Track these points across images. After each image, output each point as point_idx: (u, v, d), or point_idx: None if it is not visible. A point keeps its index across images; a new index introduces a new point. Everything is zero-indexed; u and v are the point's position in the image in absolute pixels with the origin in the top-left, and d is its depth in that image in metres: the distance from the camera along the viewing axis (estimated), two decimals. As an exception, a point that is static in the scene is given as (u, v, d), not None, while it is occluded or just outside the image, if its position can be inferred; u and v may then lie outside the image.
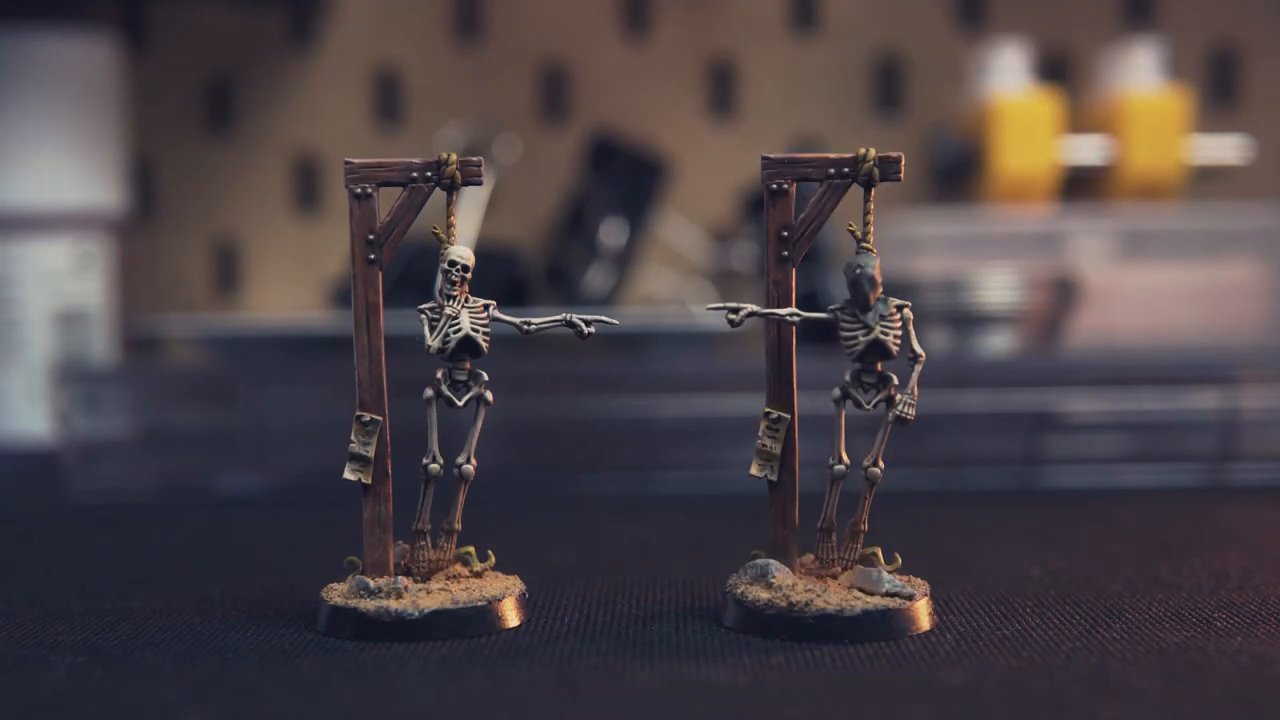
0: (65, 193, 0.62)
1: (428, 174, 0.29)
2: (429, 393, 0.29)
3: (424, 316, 0.29)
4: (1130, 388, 0.53)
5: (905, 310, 0.29)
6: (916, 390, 0.29)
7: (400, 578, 0.29)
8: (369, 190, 0.29)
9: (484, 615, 0.29)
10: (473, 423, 0.30)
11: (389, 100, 0.77)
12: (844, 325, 0.29)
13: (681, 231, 0.75)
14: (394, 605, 0.28)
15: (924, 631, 0.28)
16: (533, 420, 0.53)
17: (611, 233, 0.65)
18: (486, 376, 0.30)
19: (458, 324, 0.29)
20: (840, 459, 0.29)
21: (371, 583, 0.29)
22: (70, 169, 0.62)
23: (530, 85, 0.77)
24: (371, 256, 0.29)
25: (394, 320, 0.31)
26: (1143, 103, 0.69)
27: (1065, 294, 0.60)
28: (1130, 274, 0.68)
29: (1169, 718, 0.22)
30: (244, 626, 0.30)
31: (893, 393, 0.29)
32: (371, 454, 0.29)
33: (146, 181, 0.77)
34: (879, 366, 0.29)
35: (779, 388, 0.29)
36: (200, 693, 0.25)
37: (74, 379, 0.53)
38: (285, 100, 0.77)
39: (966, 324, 0.59)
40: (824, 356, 0.47)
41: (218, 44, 0.77)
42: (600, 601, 0.32)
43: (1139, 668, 0.25)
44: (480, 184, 0.30)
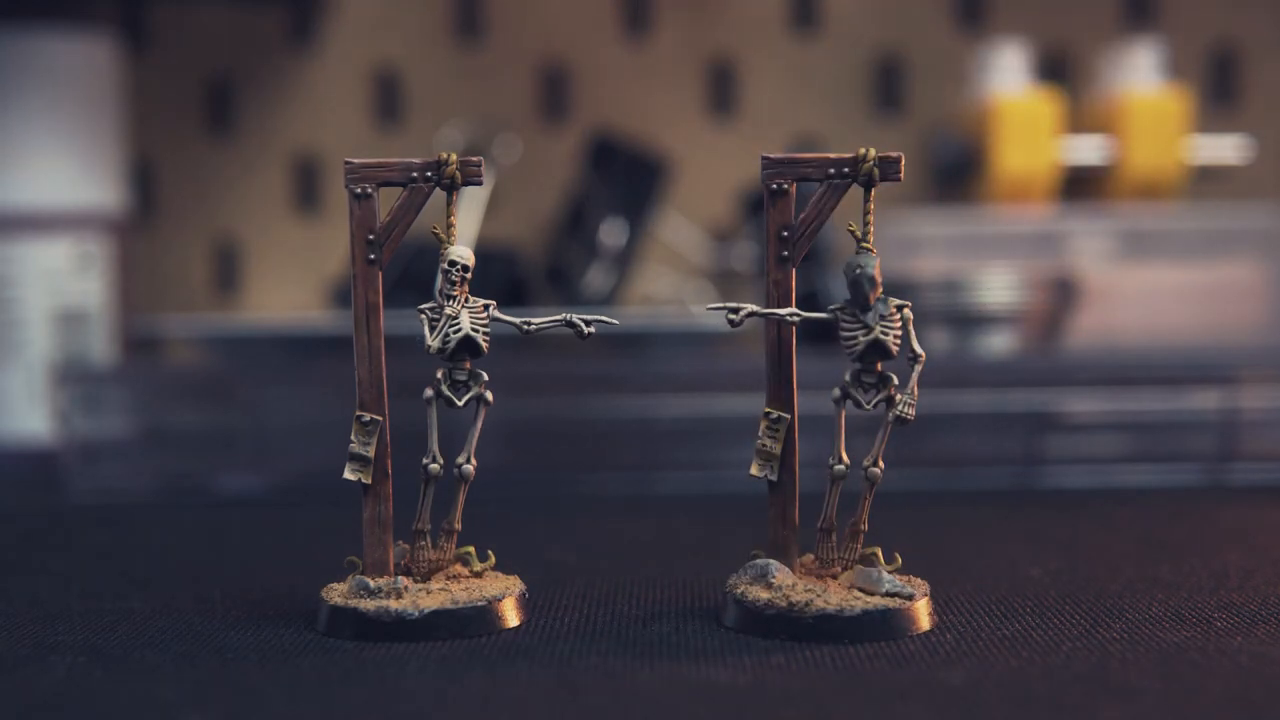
0: (65, 193, 0.62)
1: (428, 174, 0.29)
2: (429, 393, 0.29)
3: (424, 316, 0.29)
4: (1130, 388, 0.53)
5: (905, 310, 0.29)
6: (916, 390, 0.29)
7: (400, 578, 0.29)
8: (369, 190, 0.29)
9: (484, 615, 0.29)
10: (473, 423, 0.30)
11: (389, 100, 0.77)
12: (844, 325, 0.29)
13: (681, 231, 0.74)
14: (394, 605, 0.28)
15: (924, 631, 0.28)
16: (533, 420, 0.53)
17: (611, 233, 0.65)
18: (486, 377, 0.30)
19: (458, 324, 0.29)
20: (840, 459, 0.29)
21: (371, 583, 0.29)
22: (70, 169, 0.62)
23: (530, 85, 0.77)
24: (371, 256, 0.29)
25: (394, 320, 0.31)
26: (1143, 103, 0.69)
27: (1065, 294, 0.60)
28: (1130, 274, 0.68)
29: (1169, 718, 0.22)
30: (244, 626, 0.30)
31: (893, 393, 0.29)
32: (371, 454, 0.29)
33: (146, 181, 0.77)
34: (879, 366, 0.29)
35: (779, 388, 0.29)
36: (200, 693, 0.25)
37: (74, 379, 0.53)
38: (285, 100, 0.77)
39: (966, 324, 0.59)
40: (824, 356, 0.47)
41: (218, 44, 0.77)
42: (600, 601, 0.32)
43: (1139, 668, 0.25)
44: (480, 184, 0.30)
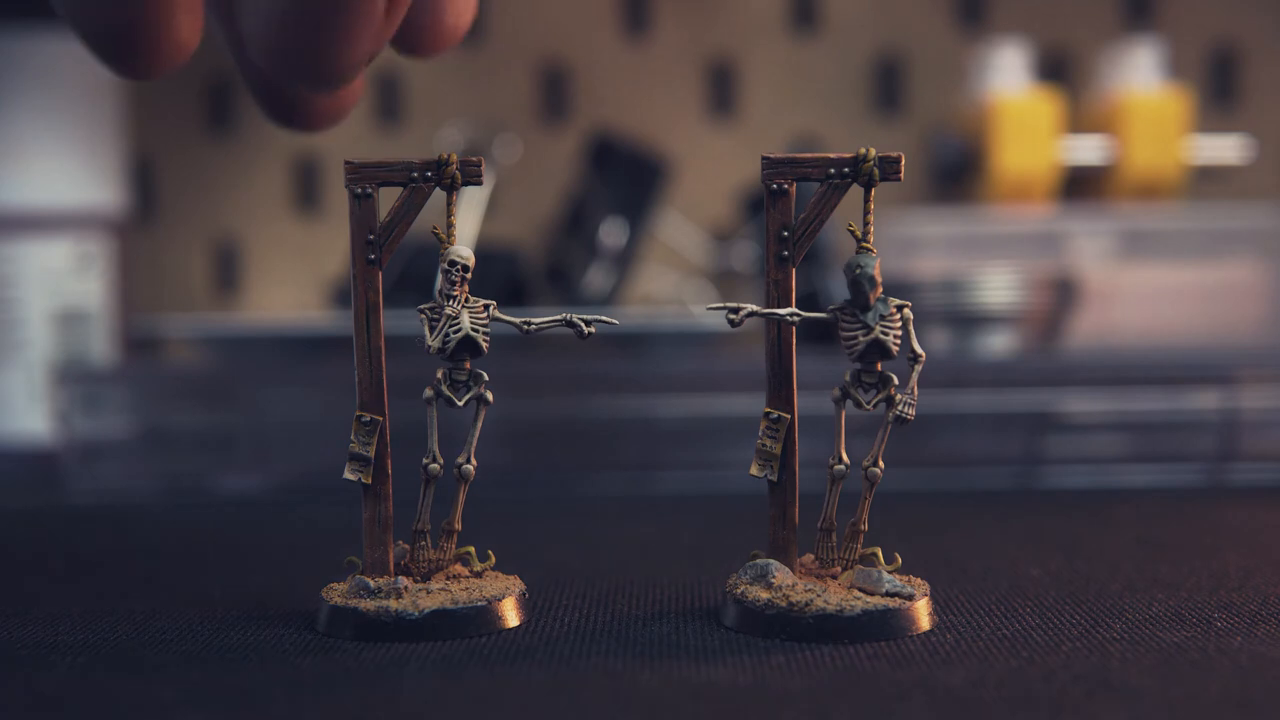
0: (65, 193, 0.62)
1: (428, 174, 0.29)
2: (429, 393, 0.29)
3: (424, 316, 0.29)
4: (1130, 388, 0.53)
5: (905, 310, 0.29)
6: (916, 390, 0.29)
7: (400, 578, 0.29)
8: (369, 190, 0.29)
9: (484, 615, 0.29)
10: (473, 423, 0.30)
11: (389, 100, 0.77)
12: (844, 325, 0.29)
13: (681, 231, 0.74)
14: (394, 605, 0.28)
15: (924, 631, 0.28)
16: (533, 420, 0.53)
17: (611, 233, 0.65)
18: (487, 377, 0.30)
19: (458, 324, 0.29)
20: (840, 459, 0.29)
21: (371, 583, 0.29)
22: (70, 169, 0.62)
23: (530, 85, 0.77)
24: (371, 256, 0.29)
25: (393, 320, 0.31)
26: (1143, 102, 0.69)
27: (1065, 294, 0.60)
28: (1130, 274, 0.68)
29: (1169, 718, 0.22)
30: (244, 626, 0.30)
31: (893, 393, 0.29)
32: (372, 454, 0.29)
33: (146, 181, 0.77)
34: (879, 366, 0.29)
35: (779, 388, 0.29)
36: (200, 693, 0.25)
37: (74, 379, 0.53)
38: (285, 100, 0.77)
39: (966, 324, 0.59)
40: (824, 356, 0.47)
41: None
42: (600, 601, 0.32)
43: (1139, 668, 0.25)
44: (480, 184, 0.30)
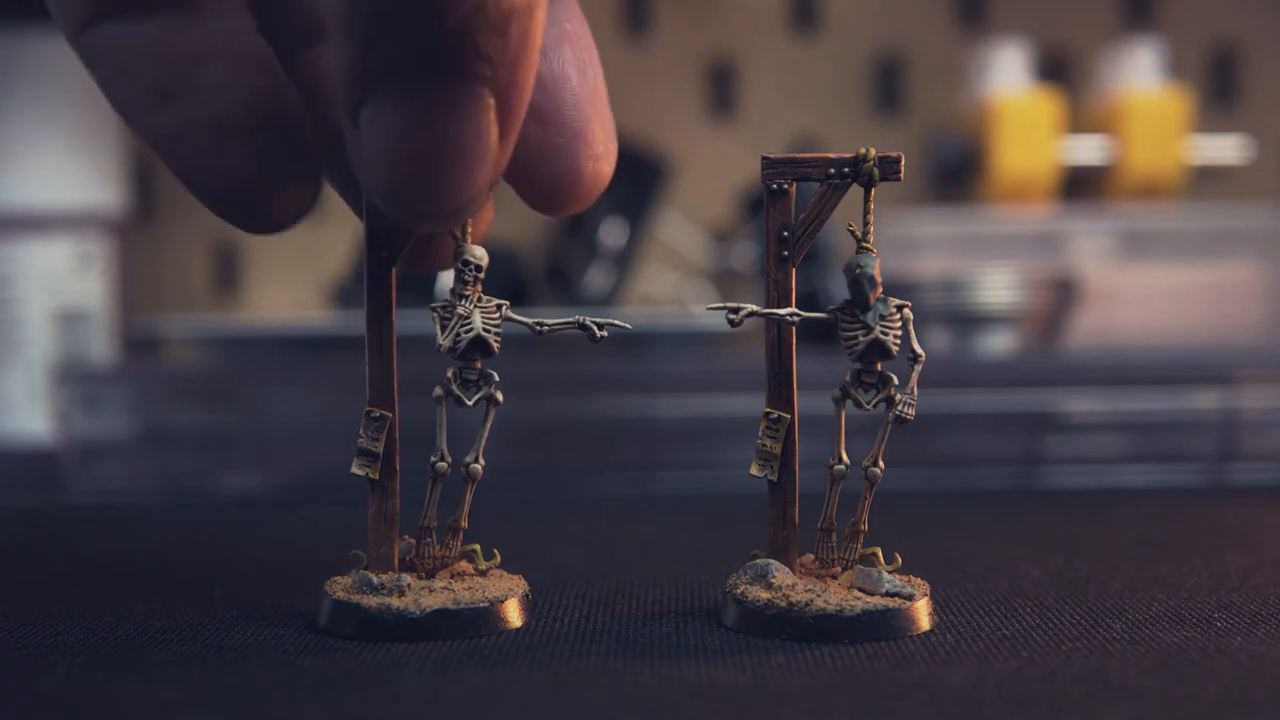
0: (65, 193, 0.62)
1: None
2: (439, 391, 0.29)
3: (435, 315, 0.29)
4: (1130, 388, 0.53)
5: (905, 310, 0.29)
6: (916, 390, 0.29)
7: (404, 575, 0.29)
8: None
9: (485, 616, 0.29)
10: (482, 423, 0.30)
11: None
12: (844, 325, 0.29)
13: (681, 231, 0.74)
14: (396, 603, 0.28)
15: (924, 631, 0.28)
16: (534, 420, 0.53)
17: (611, 233, 0.65)
18: (497, 377, 0.30)
19: (469, 324, 0.29)
20: (840, 459, 0.29)
21: (375, 578, 0.29)
22: (70, 169, 0.62)
23: (530, 85, 0.77)
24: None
25: (402, 320, 0.31)
26: (1143, 102, 0.69)
27: (1065, 294, 0.60)
28: (1130, 274, 0.68)
29: (1169, 718, 0.22)
30: (244, 626, 0.30)
31: (893, 393, 0.29)
32: (380, 449, 0.29)
33: (146, 182, 0.77)
34: (879, 366, 0.29)
35: (779, 388, 0.29)
36: (200, 693, 0.24)
37: (74, 379, 0.53)
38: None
39: (966, 324, 0.59)
40: (824, 356, 0.47)
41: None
42: (600, 602, 0.32)
43: (1139, 668, 0.25)
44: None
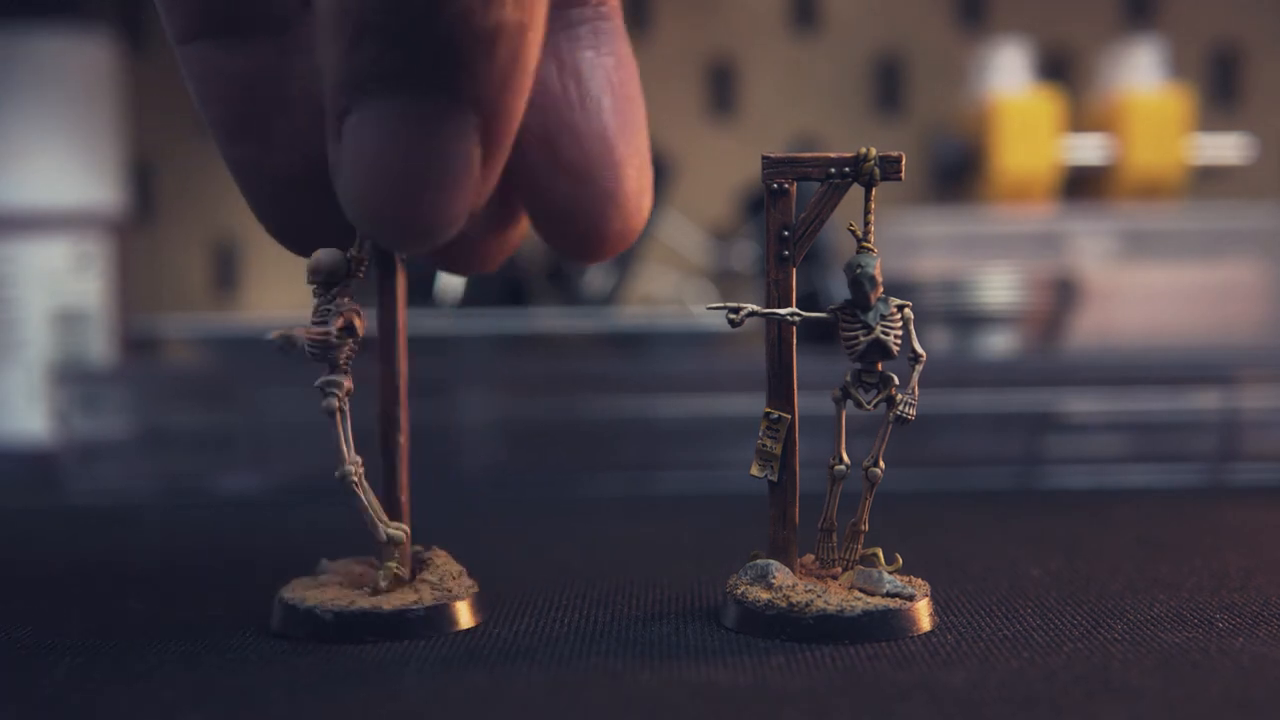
0: (64, 193, 0.62)
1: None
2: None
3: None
4: (1131, 388, 0.53)
5: (906, 310, 0.29)
6: (917, 390, 0.29)
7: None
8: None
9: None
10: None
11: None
12: (844, 325, 0.29)
13: (681, 231, 0.74)
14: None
15: (925, 632, 0.28)
16: (533, 420, 0.53)
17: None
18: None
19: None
20: (841, 459, 0.29)
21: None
22: (69, 169, 0.62)
23: (530, 85, 0.77)
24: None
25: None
26: (1143, 102, 0.69)
27: (1065, 294, 0.60)
28: (1131, 274, 0.68)
29: (1170, 719, 0.22)
30: (244, 627, 0.30)
31: (893, 393, 0.29)
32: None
33: (146, 181, 0.77)
34: (879, 366, 0.29)
35: (779, 388, 0.29)
36: (200, 693, 0.24)
37: (72, 379, 0.53)
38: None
39: (966, 324, 0.59)
40: (824, 356, 0.47)
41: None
42: (600, 602, 0.32)
43: (1140, 669, 0.25)
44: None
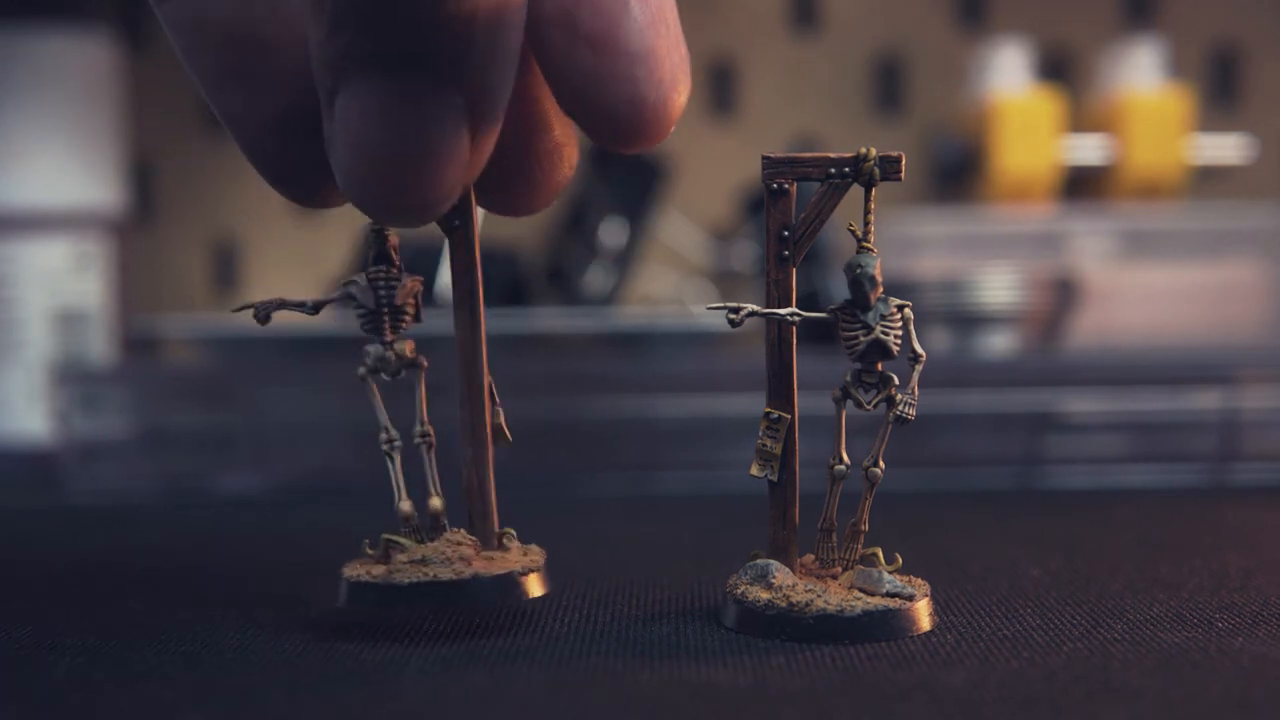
0: (64, 193, 0.62)
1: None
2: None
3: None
4: (1131, 388, 0.53)
5: (906, 310, 0.29)
6: (917, 390, 0.29)
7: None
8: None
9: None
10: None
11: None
12: (844, 325, 0.29)
13: (681, 231, 0.74)
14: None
15: (925, 632, 0.28)
16: (533, 420, 0.53)
17: (611, 233, 0.65)
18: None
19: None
20: (840, 459, 0.29)
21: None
22: (69, 169, 0.62)
23: (530, 85, 0.77)
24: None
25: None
26: (1143, 102, 0.69)
27: (1065, 294, 0.60)
28: (1131, 274, 0.68)
29: (1170, 719, 0.22)
30: (244, 626, 0.30)
31: (893, 393, 0.29)
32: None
33: (146, 181, 0.77)
34: (879, 366, 0.29)
35: (779, 388, 0.29)
36: (200, 693, 0.24)
37: (73, 379, 0.53)
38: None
39: (967, 324, 0.59)
40: (824, 356, 0.47)
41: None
42: (600, 602, 0.32)
43: (1140, 669, 0.25)
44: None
